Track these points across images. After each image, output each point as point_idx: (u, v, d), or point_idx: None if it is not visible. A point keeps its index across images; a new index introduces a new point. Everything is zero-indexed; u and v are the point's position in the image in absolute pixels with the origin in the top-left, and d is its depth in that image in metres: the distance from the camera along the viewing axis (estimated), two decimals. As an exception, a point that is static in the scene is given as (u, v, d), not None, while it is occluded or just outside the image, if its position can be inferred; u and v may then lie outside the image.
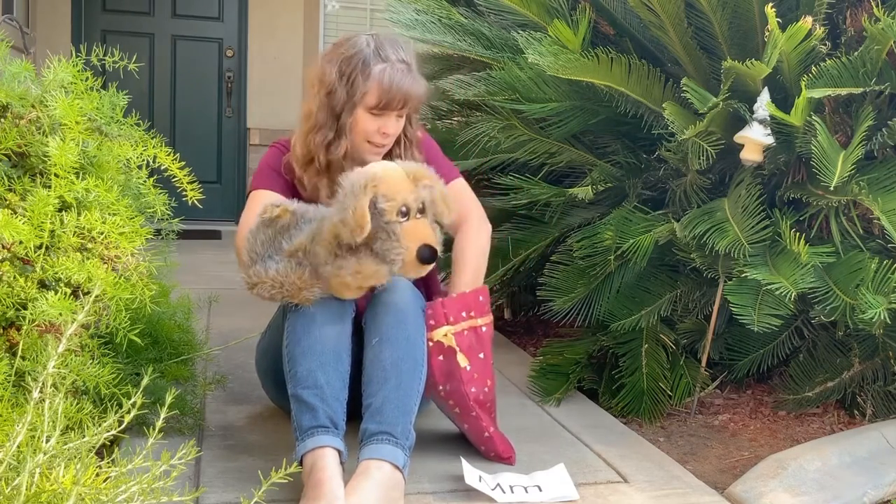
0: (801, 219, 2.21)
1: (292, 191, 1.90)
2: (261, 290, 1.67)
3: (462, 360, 1.75)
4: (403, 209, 1.60)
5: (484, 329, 1.81)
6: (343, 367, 1.66)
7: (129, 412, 1.24)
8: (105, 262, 1.52)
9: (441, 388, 1.77)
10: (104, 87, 1.75)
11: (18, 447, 1.14)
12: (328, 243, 1.62)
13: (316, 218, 1.69)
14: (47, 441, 1.16)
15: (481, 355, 1.80)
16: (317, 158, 1.84)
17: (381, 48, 1.82)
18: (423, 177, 1.65)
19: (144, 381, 1.28)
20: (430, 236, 1.63)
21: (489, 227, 1.99)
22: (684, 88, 2.05)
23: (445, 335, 1.75)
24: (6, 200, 1.52)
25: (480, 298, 1.83)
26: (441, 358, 1.75)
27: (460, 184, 2.00)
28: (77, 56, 1.70)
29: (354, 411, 1.68)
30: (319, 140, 1.83)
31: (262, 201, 1.79)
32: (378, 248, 1.61)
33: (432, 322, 1.75)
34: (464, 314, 1.78)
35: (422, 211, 1.63)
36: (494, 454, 1.84)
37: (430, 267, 1.65)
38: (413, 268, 1.63)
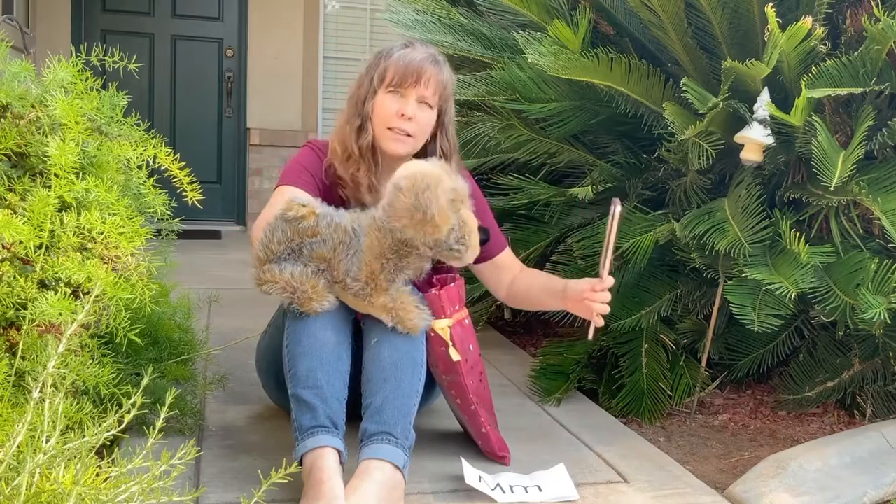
0: (801, 219, 2.21)
1: (322, 192, 1.88)
2: (270, 288, 1.64)
3: (454, 355, 1.75)
4: (462, 200, 1.65)
5: (467, 322, 1.83)
6: (343, 367, 1.66)
7: (129, 412, 1.24)
8: (105, 262, 1.52)
9: (445, 378, 1.79)
10: (104, 87, 1.75)
11: (18, 447, 1.14)
12: (381, 249, 1.61)
13: (342, 223, 1.65)
14: (47, 441, 1.16)
15: (471, 347, 1.81)
16: (351, 148, 1.85)
17: (412, 43, 1.87)
18: (450, 170, 1.69)
19: (144, 381, 1.28)
20: (476, 220, 1.69)
21: None
22: (684, 88, 2.05)
23: (443, 329, 1.75)
24: (6, 200, 1.52)
25: (461, 292, 1.83)
26: (443, 349, 1.75)
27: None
28: (77, 56, 1.70)
29: (354, 412, 1.68)
30: (349, 129, 1.86)
31: (288, 197, 1.76)
32: (451, 241, 1.62)
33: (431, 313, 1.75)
34: (454, 307, 1.79)
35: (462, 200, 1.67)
36: (490, 451, 1.85)
37: None
38: (476, 251, 1.67)
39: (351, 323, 1.73)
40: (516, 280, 1.99)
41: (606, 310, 1.77)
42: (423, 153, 1.90)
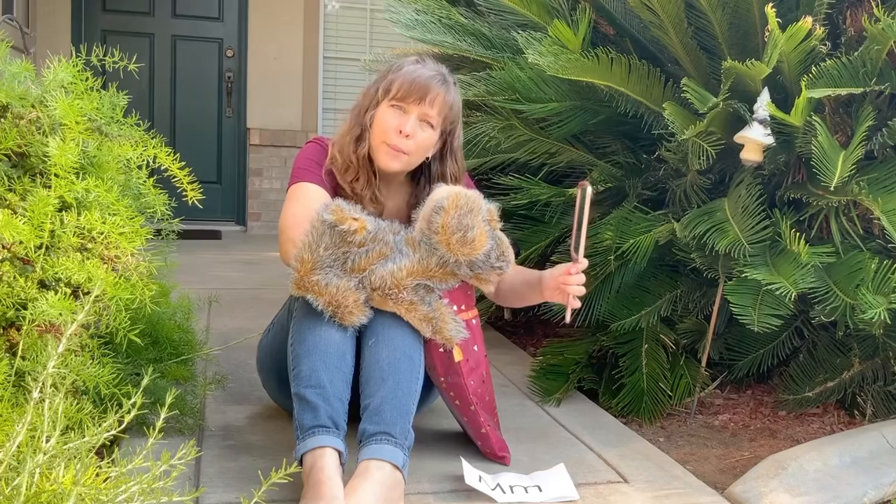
0: (801, 219, 2.21)
1: (331, 191, 1.87)
2: (312, 299, 1.64)
3: (457, 355, 1.75)
4: (495, 220, 1.72)
5: (474, 322, 1.82)
6: (347, 368, 1.66)
7: (129, 412, 1.24)
8: (105, 262, 1.52)
9: (443, 380, 1.78)
10: (104, 87, 1.75)
11: (18, 447, 1.14)
12: (427, 266, 1.67)
13: (387, 238, 1.68)
14: (47, 441, 1.16)
15: (475, 347, 1.81)
16: (349, 158, 1.85)
17: (423, 60, 1.87)
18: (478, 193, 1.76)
19: (144, 381, 1.28)
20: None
21: None
22: (684, 88, 2.05)
23: None
24: (6, 200, 1.52)
25: (469, 292, 1.83)
26: (442, 350, 1.75)
27: None
28: (77, 56, 1.70)
29: (353, 412, 1.68)
30: (349, 139, 1.86)
31: (315, 195, 1.77)
32: (493, 260, 1.69)
33: None
34: (460, 307, 1.79)
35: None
36: (489, 451, 1.85)
37: None
38: (513, 265, 1.75)
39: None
40: (504, 278, 1.99)
41: (582, 291, 1.79)
42: (419, 171, 1.91)
